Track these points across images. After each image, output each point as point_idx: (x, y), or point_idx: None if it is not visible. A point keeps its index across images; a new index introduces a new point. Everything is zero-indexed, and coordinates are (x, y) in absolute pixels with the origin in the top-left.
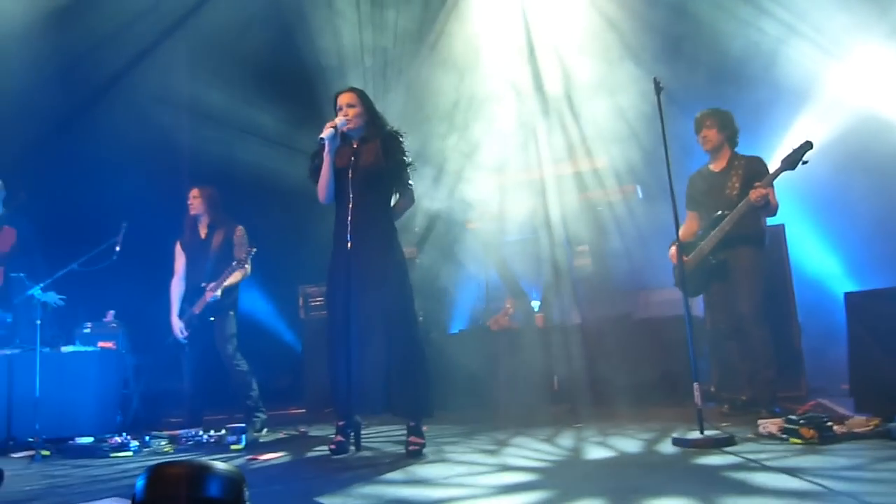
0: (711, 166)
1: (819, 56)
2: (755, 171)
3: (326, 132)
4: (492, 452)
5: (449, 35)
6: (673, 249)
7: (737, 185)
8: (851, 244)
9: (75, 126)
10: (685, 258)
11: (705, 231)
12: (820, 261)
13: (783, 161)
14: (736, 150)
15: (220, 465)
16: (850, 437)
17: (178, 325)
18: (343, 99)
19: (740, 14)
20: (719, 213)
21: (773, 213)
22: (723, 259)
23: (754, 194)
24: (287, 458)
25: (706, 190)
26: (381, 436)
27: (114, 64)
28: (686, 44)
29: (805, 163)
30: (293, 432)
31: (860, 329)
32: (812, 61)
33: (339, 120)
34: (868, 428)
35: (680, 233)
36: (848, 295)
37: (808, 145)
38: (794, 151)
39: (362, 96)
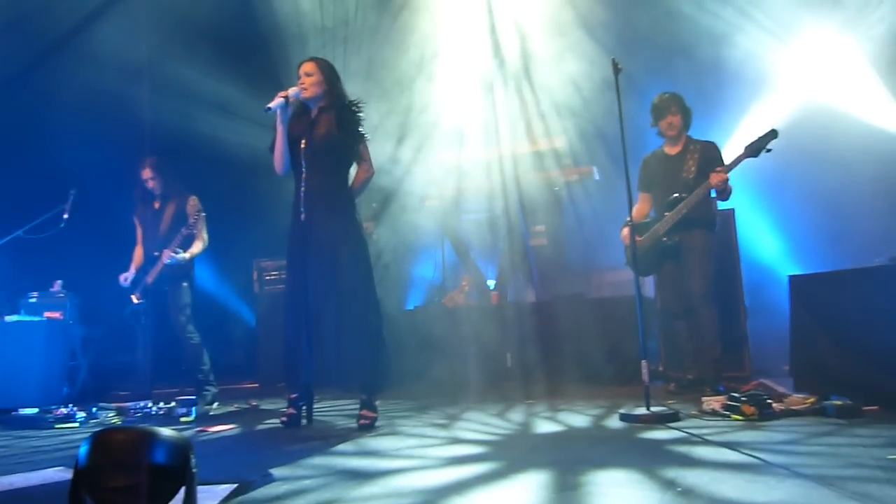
0: (667, 149)
1: (771, 42)
2: (711, 156)
3: (275, 102)
4: (443, 426)
5: (410, 8)
6: (626, 230)
7: (693, 168)
8: (797, 228)
9: (24, 85)
10: (638, 238)
11: (659, 212)
12: (767, 244)
13: (746, 148)
14: (689, 133)
15: (165, 431)
16: (789, 413)
17: (125, 277)
18: (303, 68)
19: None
20: (675, 195)
21: (727, 198)
22: (676, 241)
23: (715, 178)
24: (237, 431)
25: (661, 172)
26: (333, 409)
27: (68, 21)
28: (642, 25)
29: (769, 151)
30: (244, 406)
31: (802, 311)
32: (764, 48)
33: (292, 90)
34: (805, 406)
35: (633, 213)
36: (792, 278)
37: (773, 134)
38: (759, 139)
39: (322, 66)
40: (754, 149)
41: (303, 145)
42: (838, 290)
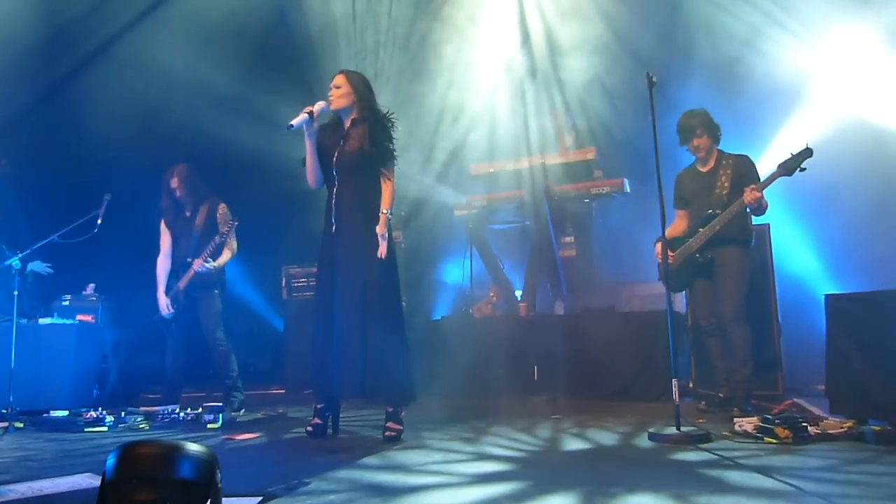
0: (699, 166)
1: (809, 54)
2: (744, 170)
3: (297, 119)
4: (470, 440)
5: (443, 21)
6: (658, 246)
7: (726, 184)
8: (835, 246)
9: (61, 94)
10: (671, 254)
11: (693, 228)
12: (803, 262)
13: (780, 166)
14: (720, 147)
15: (191, 446)
16: (824, 438)
17: (164, 301)
18: (333, 80)
19: (734, 10)
20: (710, 211)
21: (762, 213)
22: (710, 257)
23: (749, 196)
24: (263, 440)
25: (695, 189)
26: (359, 420)
27: (103, 33)
28: (678, 39)
29: (803, 170)
30: (271, 413)
31: (838, 331)
32: (801, 59)
33: (318, 105)
34: (842, 430)
35: (668, 231)
36: (828, 297)
37: (808, 152)
38: (793, 157)
39: (352, 78)
40: (789, 167)
41: (335, 158)
42: (877, 310)
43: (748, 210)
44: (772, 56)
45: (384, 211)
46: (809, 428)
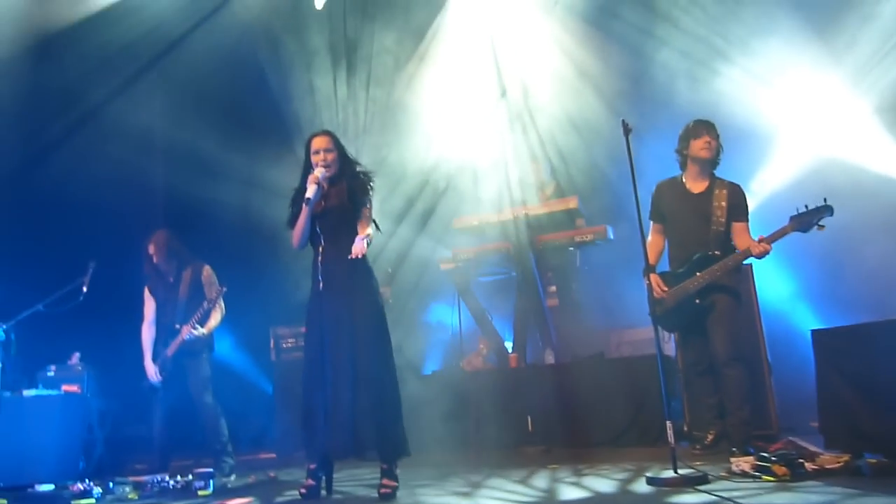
0: (689, 183)
1: (773, 98)
2: (737, 202)
3: (311, 191)
4: (465, 495)
5: (420, 81)
6: (653, 277)
7: (722, 220)
8: (816, 282)
9: (44, 162)
10: (665, 290)
11: (682, 262)
12: (787, 298)
13: (795, 220)
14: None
15: None
16: (822, 474)
17: (152, 368)
18: (319, 143)
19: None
20: (710, 253)
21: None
22: (710, 302)
23: (758, 249)
24: None
25: (682, 209)
26: (353, 480)
27: (86, 101)
28: (647, 84)
29: (822, 227)
30: (263, 477)
31: (827, 366)
32: (766, 103)
33: (319, 173)
34: (838, 465)
35: (647, 247)
36: (815, 332)
37: (826, 209)
38: (809, 212)
39: (335, 139)
40: (804, 223)
41: (319, 218)
42: (863, 343)
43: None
44: (739, 100)
45: (361, 238)
46: (806, 464)
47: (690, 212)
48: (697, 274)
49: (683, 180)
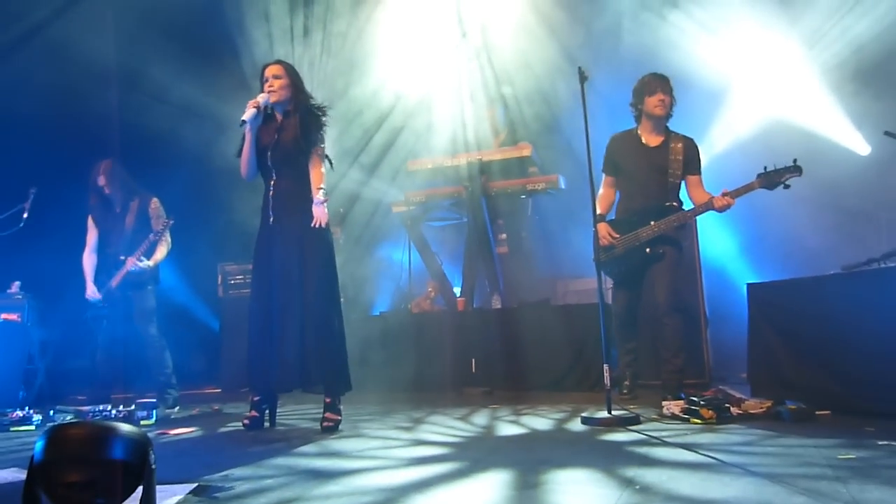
0: (644, 136)
1: (727, 55)
2: (692, 156)
3: (248, 114)
4: (407, 429)
5: (379, 16)
6: (603, 226)
7: (678, 172)
8: (755, 238)
9: None
10: (616, 237)
11: (636, 211)
12: (727, 253)
13: (762, 177)
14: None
15: (124, 427)
16: (745, 417)
17: (93, 289)
18: (270, 70)
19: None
20: (668, 203)
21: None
22: (660, 253)
23: (720, 202)
24: (199, 433)
25: (637, 163)
26: (296, 414)
27: (32, 16)
28: (607, 36)
29: (787, 187)
30: (206, 409)
31: (759, 318)
32: (720, 60)
33: (261, 97)
34: (761, 410)
35: (599, 202)
36: (750, 286)
37: (796, 170)
38: (777, 171)
39: (289, 69)
40: (771, 181)
41: (270, 151)
42: (794, 297)
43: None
44: (696, 56)
45: (320, 187)
46: (732, 409)
47: (646, 165)
48: (652, 223)
49: (639, 133)
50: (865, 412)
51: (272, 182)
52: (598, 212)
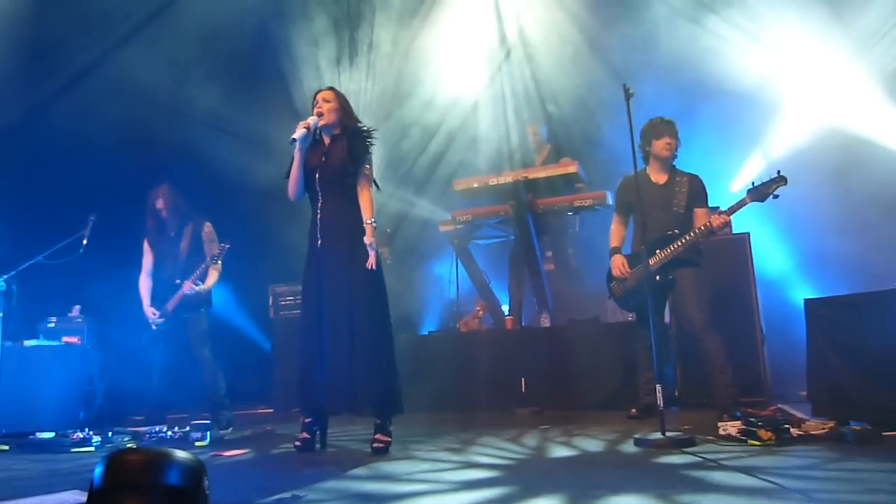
0: (652, 175)
1: (782, 67)
2: (697, 190)
3: (299, 132)
4: (457, 451)
5: (423, 40)
6: (618, 258)
7: (682, 204)
8: (813, 252)
9: (48, 113)
10: (629, 271)
11: (649, 245)
12: (783, 268)
13: (751, 192)
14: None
15: (179, 453)
16: (806, 439)
17: (151, 311)
18: (321, 95)
19: (706, 23)
20: (669, 233)
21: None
22: (670, 279)
23: (717, 220)
24: (251, 455)
25: (646, 199)
26: (347, 435)
27: (91, 52)
28: (655, 51)
29: (776, 197)
30: (259, 430)
31: (818, 335)
32: (775, 72)
33: (311, 119)
34: (823, 431)
35: (611, 234)
36: (808, 301)
37: (781, 180)
38: (765, 184)
39: (339, 95)
40: (760, 194)
41: (318, 174)
42: (855, 313)
43: (714, 233)
44: (747, 69)
45: (368, 221)
46: (792, 430)
47: (654, 199)
48: (658, 252)
49: (647, 173)
50: None
51: (319, 205)
52: (612, 244)
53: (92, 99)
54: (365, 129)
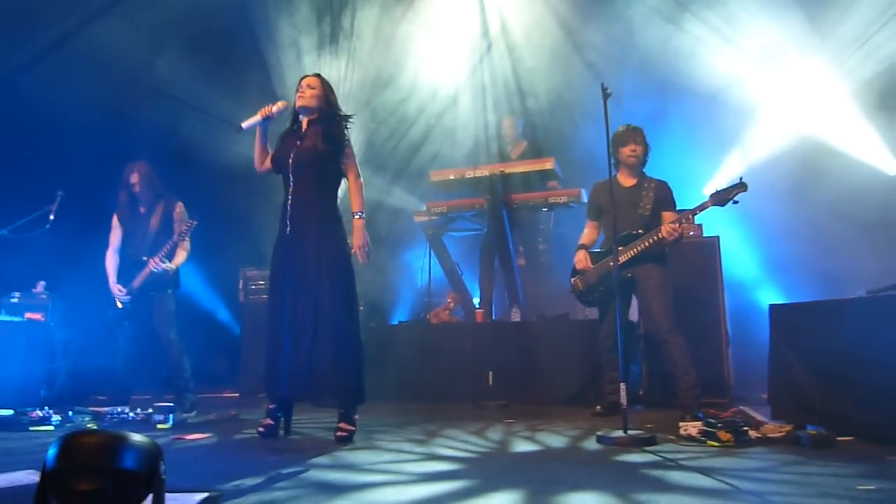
0: (622, 179)
1: (757, 72)
2: (664, 195)
3: (249, 121)
4: (421, 442)
5: (404, 30)
6: (581, 254)
7: (648, 206)
8: (780, 258)
9: (18, 84)
10: (589, 266)
11: (614, 244)
12: (751, 273)
13: (713, 196)
14: (644, 169)
15: (135, 437)
16: (764, 441)
17: (117, 289)
18: (305, 81)
19: (685, 26)
20: (633, 232)
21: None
22: (629, 276)
23: (666, 230)
24: (213, 440)
25: (618, 201)
26: (312, 422)
27: (61, 24)
28: (634, 51)
29: (736, 202)
30: (224, 415)
31: (781, 340)
32: (750, 76)
33: (275, 107)
34: (781, 434)
35: (581, 240)
36: (772, 307)
37: (742, 186)
38: (726, 189)
39: (324, 82)
40: (721, 199)
41: (291, 158)
42: (817, 320)
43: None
44: (722, 74)
45: (357, 213)
46: (750, 432)
47: (623, 202)
48: (620, 249)
49: (618, 178)
50: (888, 440)
51: (290, 190)
52: (580, 242)
53: (64, 71)
54: (341, 114)
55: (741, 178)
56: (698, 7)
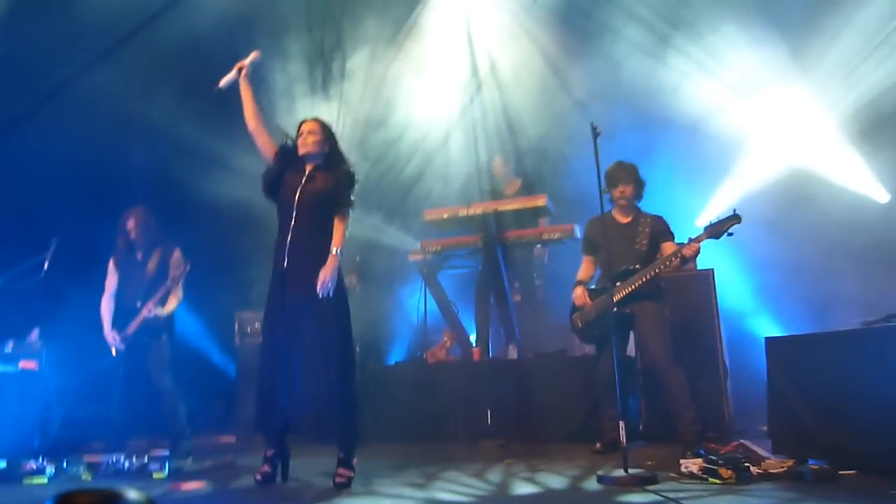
0: (617, 216)
1: (749, 108)
2: (661, 230)
3: (226, 79)
4: (420, 486)
5: (395, 71)
6: (579, 290)
7: (644, 242)
8: (776, 290)
9: (13, 133)
10: (588, 302)
11: (606, 279)
12: (747, 305)
13: (708, 229)
14: (639, 205)
15: (130, 493)
16: (766, 477)
17: (112, 336)
18: (306, 126)
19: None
20: (630, 267)
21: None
22: (628, 313)
23: (689, 250)
24: (210, 489)
25: (611, 237)
26: (309, 468)
27: (54, 74)
28: (622, 87)
29: (730, 234)
30: (220, 462)
31: (779, 373)
32: (742, 113)
33: (248, 58)
34: (782, 469)
35: (578, 273)
36: (768, 339)
37: (735, 219)
38: (721, 221)
39: (325, 127)
40: (716, 231)
41: (298, 195)
42: (813, 352)
43: (686, 262)
44: (713, 110)
45: (334, 250)
46: (752, 468)
47: (619, 237)
48: (618, 284)
49: (613, 214)
50: (890, 473)
51: (292, 226)
52: (578, 278)
53: (57, 117)
54: (351, 170)
55: (735, 210)
56: (682, 42)
